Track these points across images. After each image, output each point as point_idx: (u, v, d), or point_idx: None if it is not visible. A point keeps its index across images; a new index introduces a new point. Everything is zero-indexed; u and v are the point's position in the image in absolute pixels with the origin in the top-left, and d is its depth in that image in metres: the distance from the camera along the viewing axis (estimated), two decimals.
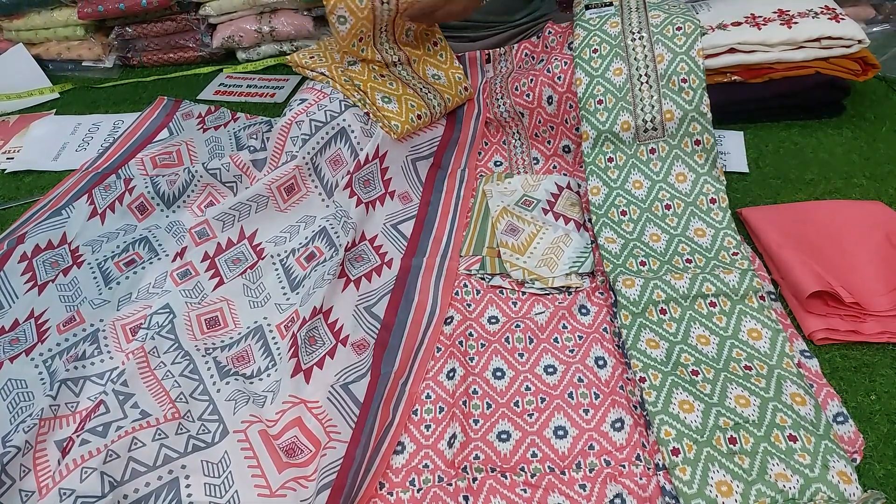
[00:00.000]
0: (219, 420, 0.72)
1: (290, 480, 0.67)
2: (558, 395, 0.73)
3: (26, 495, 0.66)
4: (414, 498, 0.65)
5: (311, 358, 0.77)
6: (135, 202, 1.01)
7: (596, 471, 0.66)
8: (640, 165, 0.91)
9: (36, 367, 0.80)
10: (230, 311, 0.86)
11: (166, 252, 0.95)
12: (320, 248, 0.90)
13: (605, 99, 0.92)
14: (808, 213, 0.89)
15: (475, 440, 0.70)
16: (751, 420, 0.66)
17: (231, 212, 0.96)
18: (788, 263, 0.80)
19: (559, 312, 0.82)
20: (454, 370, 0.76)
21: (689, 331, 0.76)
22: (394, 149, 0.99)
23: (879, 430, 0.68)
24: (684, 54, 0.91)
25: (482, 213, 0.96)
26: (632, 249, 0.84)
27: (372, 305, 0.84)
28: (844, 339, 0.76)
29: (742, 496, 0.61)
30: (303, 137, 0.97)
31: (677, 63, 0.91)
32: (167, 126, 1.23)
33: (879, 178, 0.98)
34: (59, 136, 1.27)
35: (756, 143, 1.07)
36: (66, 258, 0.95)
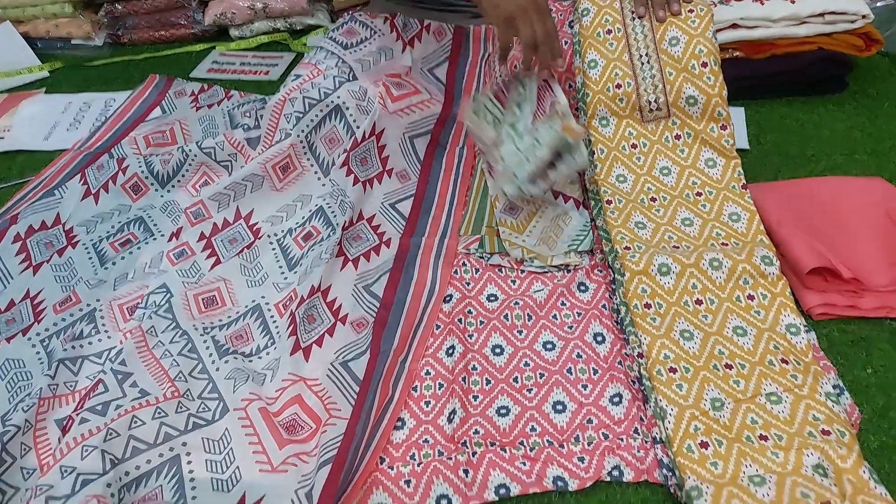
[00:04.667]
0: (218, 398, 0.72)
1: (291, 456, 0.67)
2: (557, 370, 0.74)
3: (28, 473, 0.67)
4: (414, 472, 0.66)
5: (310, 336, 0.77)
6: (128, 182, 1.00)
7: (594, 444, 0.67)
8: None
9: (33, 346, 0.80)
10: (228, 291, 0.85)
11: (162, 232, 0.94)
12: (317, 227, 0.90)
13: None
14: (809, 189, 0.89)
15: (475, 415, 0.70)
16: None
17: (226, 191, 0.95)
18: (788, 240, 0.80)
19: (558, 290, 0.82)
20: (453, 347, 0.76)
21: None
22: (391, 126, 0.98)
23: (875, 403, 0.68)
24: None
25: (481, 192, 0.95)
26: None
27: (371, 284, 0.84)
28: (842, 315, 0.76)
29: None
30: (296, 115, 0.96)
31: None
32: (160, 104, 1.22)
33: (881, 154, 0.98)
34: (50, 115, 1.25)
35: (757, 119, 1.07)
36: (60, 239, 0.94)
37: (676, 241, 0.82)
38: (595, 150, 0.91)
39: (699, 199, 0.87)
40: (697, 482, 0.61)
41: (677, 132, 0.90)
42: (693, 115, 0.90)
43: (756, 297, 0.76)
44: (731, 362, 0.70)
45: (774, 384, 0.68)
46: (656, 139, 0.91)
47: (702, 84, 0.89)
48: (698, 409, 0.66)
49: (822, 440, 0.63)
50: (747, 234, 0.82)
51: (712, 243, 0.81)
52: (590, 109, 0.92)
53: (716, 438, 0.64)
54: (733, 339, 0.72)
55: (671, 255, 0.79)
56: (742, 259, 0.77)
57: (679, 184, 0.88)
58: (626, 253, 0.80)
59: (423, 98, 1.02)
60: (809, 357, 0.70)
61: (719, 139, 0.89)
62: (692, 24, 0.90)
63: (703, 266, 0.77)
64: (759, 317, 0.74)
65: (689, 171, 0.89)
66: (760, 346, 0.71)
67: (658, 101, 0.90)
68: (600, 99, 0.92)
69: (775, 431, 0.64)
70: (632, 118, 0.92)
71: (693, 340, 0.72)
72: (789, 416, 0.65)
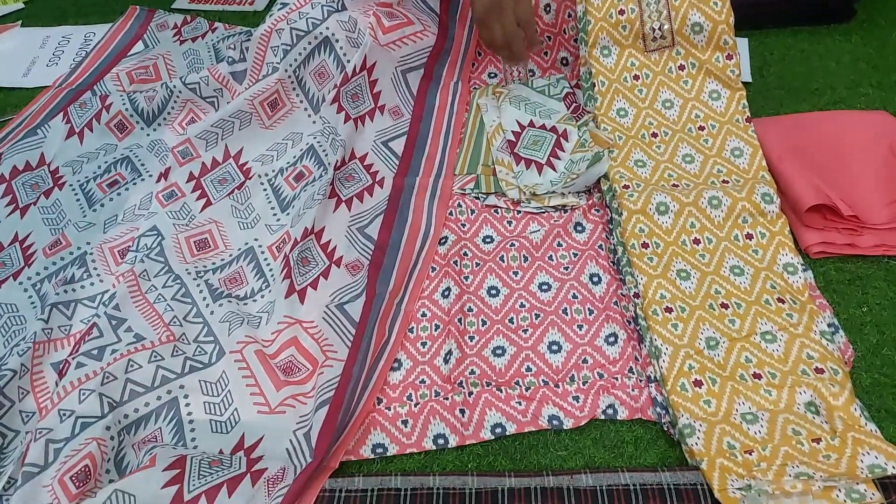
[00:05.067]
0: (214, 341, 0.72)
1: (288, 398, 0.68)
2: (552, 311, 0.74)
3: (27, 416, 0.67)
4: (411, 412, 0.67)
5: (305, 279, 0.76)
6: (113, 120, 0.97)
7: (589, 383, 0.67)
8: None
9: (25, 290, 0.80)
10: (220, 233, 0.84)
11: (150, 172, 0.92)
12: (309, 167, 0.88)
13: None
14: (811, 124, 0.87)
15: (470, 356, 0.70)
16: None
17: (214, 129, 0.92)
18: (789, 177, 0.79)
19: (554, 230, 0.81)
20: (449, 289, 0.76)
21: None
22: (382, 59, 0.94)
23: (869, 341, 0.69)
24: None
25: (476, 129, 0.93)
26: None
27: (365, 226, 0.83)
28: (840, 253, 0.76)
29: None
30: (284, 48, 0.92)
31: None
32: (141, 38, 1.17)
33: (887, 87, 0.95)
34: (28, 50, 1.21)
35: (761, 50, 1.03)
36: (46, 180, 0.92)
37: (676, 178, 0.81)
38: (595, 83, 0.88)
39: (701, 133, 0.84)
40: (690, 420, 0.61)
41: (681, 62, 0.87)
42: (698, 45, 0.86)
43: (755, 236, 0.75)
44: (728, 301, 0.70)
45: (770, 323, 0.68)
46: (659, 70, 0.88)
47: (708, 10, 0.85)
48: (693, 349, 0.67)
49: (815, 378, 0.63)
50: (749, 171, 0.80)
51: (713, 181, 0.80)
52: (591, 38, 0.88)
53: (709, 377, 0.65)
54: (730, 279, 0.72)
55: (670, 193, 0.77)
56: (742, 197, 0.76)
57: (681, 117, 0.86)
58: (624, 192, 0.78)
59: (416, 29, 0.97)
60: (805, 296, 0.70)
61: (724, 69, 0.86)
62: None
63: (702, 204, 0.76)
64: (757, 256, 0.74)
65: (693, 103, 0.86)
66: (757, 286, 0.71)
67: (662, 29, 0.87)
68: (602, 26, 0.88)
69: (769, 370, 0.65)
70: (634, 47, 0.88)
71: (690, 280, 0.72)
72: (783, 354, 0.66)
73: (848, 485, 0.56)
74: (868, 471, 0.56)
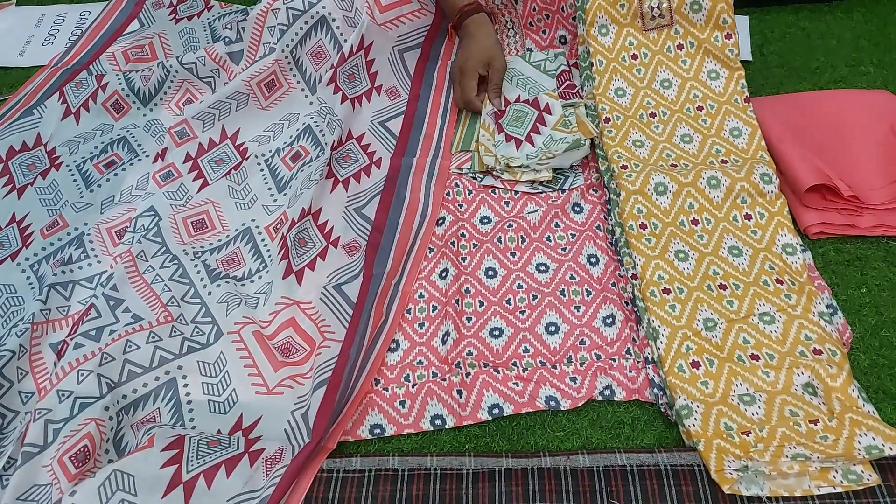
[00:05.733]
0: (212, 322, 0.72)
1: (286, 378, 0.68)
2: (550, 292, 0.74)
3: (26, 396, 0.67)
4: (409, 392, 0.67)
5: (302, 259, 0.76)
6: (109, 100, 0.97)
7: (587, 364, 0.68)
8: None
9: (23, 271, 0.80)
10: (217, 214, 0.84)
11: (146, 153, 0.92)
12: (306, 147, 0.87)
13: None
14: (812, 103, 0.86)
15: (468, 337, 0.70)
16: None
17: (210, 110, 0.92)
18: (788, 157, 0.78)
19: (552, 211, 0.80)
20: (447, 270, 0.76)
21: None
22: (379, 39, 0.93)
23: (867, 322, 0.69)
24: None
25: None
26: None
27: (362, 207, 0.82)
28: (839, 233, 0.75)
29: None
30: (280, 28, 0.91)
31: None
32: (137, 17, 1.16)
33: (888, 65, 0.94)
34: (23, 29, 1.19)
35: (761, 28, 1.02)
36: (43, 160, 0.92)
37: (675, 158, 0.80)
38: (593, 62, 0.87)
39: (700, 113, 0.84)
40: (688, 401, 0.61)
41: (680, 41, 0.86)
42: (697, 23, 0.85)
43: (753, 217, 0.74)
44: (726, 282, 0.70)
45: (768, 304, 0.68)
46: (658, 49, 0.87)
47: None
48: (691, 330, 0.67)
49: (813, 359, 0.63)
50: (748, 151, 0.80)
51: (711, 160, 0.79)
52: (589, 16, 0.87)
53: (707, 358, 0.65)
54: (728, 260, 0.72)
55: (668, 173, 0.77)
56: (741, 177, 0.75)
57: (680, 97, 0.85)
58: (622, 172, 0.78)
59: (413, 8, 0.96)
60: (804, 277, 0.70)
61: (723, 49, 0.85)
62: None
63: (701, 185, 0.76)
64: (756, 236, 0.73)
65: (691, 83, 0.85)
66: (756, 267, 0.71)
67: (661, 7, 0.85)
68: (600, 5, 0.87)
69: (767, 351, 0.64)
70: (633, 26, 0.87)
71: (688, 261, 0.72)
72: (781, 335, 0.65)
73: (845, 466, 0.57)
74: (865, 452, 0.56)
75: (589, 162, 0.85)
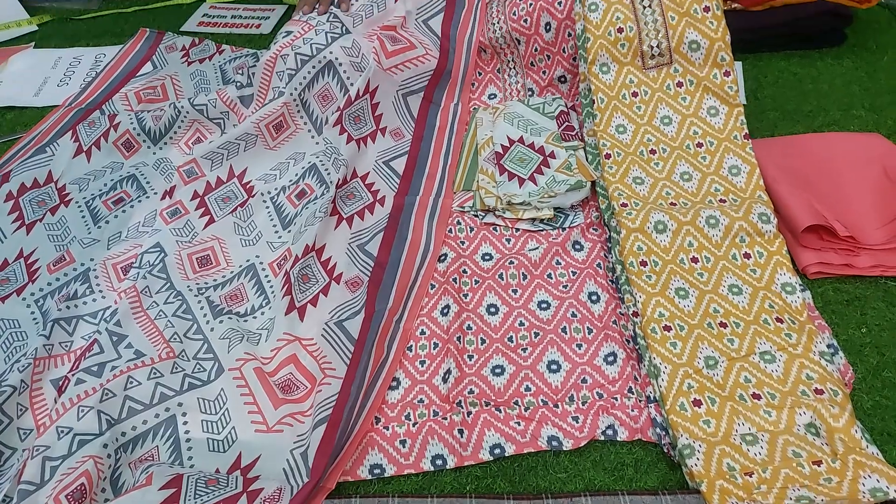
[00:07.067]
0: (213, 358, 0.72)
1: (286, 416, 0.67)
2: (552, 329, 0.74)
3: (24, 433, 0.67)
4: (409, 431, 0.67)
5: (305, 296, 0.77)
6: (120, 139, 0.99)
7: (588, 403, 0.67)
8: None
9: (28, 307, 0.80)
10: (222, 250, 0.85)
11: (155, 190, 0.93)
12: (311, 185, 0.89)
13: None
14: (806, 145, 0.88)
15: (469, 375, 0.70)
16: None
17: (219, 150, 0.94)
18: (784, 198, 0.79)
19: (553, 248, 0.81)
20: (448, 307, 0.76)
21: None
22: (385, 83, 0.96)
23: (869, 363, 0.69)
24: None
25: (474, 147, 0.94)
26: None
27: (365, 243, 0.83)
28: (838, 273, 0.76)
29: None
30: (289, 72, 0.94)
31: None
32: (150, 59, 1.19)
33: (879, 109, 0.96)
34: (40, 70, 1.23)
35: (755, 73, 1.05)
36: (52, 197, 0.93)
37: (674, 197, 0.81)
38: (595, 99, 0.89)
39: (699, 150, 0.85)
40: (690, 440, 0.61)
41: (679, 79, 0.88)
42: (695, 62, 0.88)
43: (752, 256, 0.75)
44: (726, 321, 0.70)
45: (768, 343, 0.68)
46: (658, 87, 0.89)
47: (704, 28, 0.86)
48: (692, 368, 0.67)
49: (815, 399, 0.63)
50: (746, 189, 0.81)
51: (710, 199, 0.80)
52: (590, 55, 0.90)
53: (709, 397, 0.64)
54: (728, 298, 0.72)
55: (668, 212, 0.78)
56: (739, 217, 0.76)
57: (680, 134, 0.87)
58: (622, 210, 0.79)
59: (418, 53, 0.99)
60: (804, 316, 0.70)
61: (722, 86, 0.87)
62: None
63: (700, 223, 0.77)
64: (755, 275, 0.74)
65: (691, 119, 0.87)
66: (755, 305, 0.71)
67: (660, 47, 0.88)
68: (601, 44, 0.89)
69: (768, 390, 0.64)
70: (633, 65, 0.89)
71: (688, 299, 0.72)
72: (783, 374, 0.65)
73: None
74: (870, 494, 0.56)
75: (589, 201, 0.87)
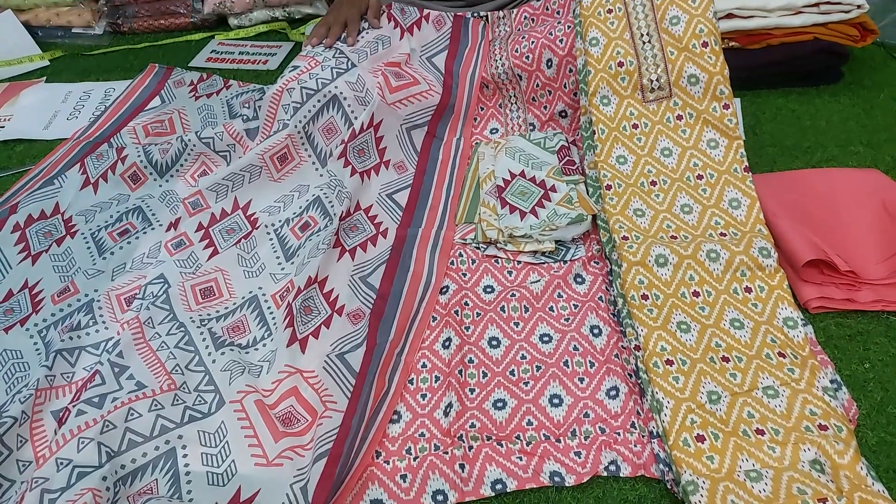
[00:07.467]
0: (215, 391, 0.72)
1: (286, 449, 0.67)
2: (554, 363, 0.74)
3: (24, 465, 0.67)
4: (410, 466, 0.66)
5: (307, 328, 0.77)
6: (127, 171, 1.00)
7: (591, 438, 0.67)
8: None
9: (31, 337, 0.80)
10: (225, 281, 0.85)
11: (160, 222, 0.94)
12: (314, 217, 0.90)
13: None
14: (805, 181, 0.89)
15: (471, 409, 0.70)
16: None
17: (224, 182, 0.95)
18: (784, 232, 0.80)
19: (554, 281, 0.82)
20: (450, 339, 0.76)
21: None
22: (389, 117, 0.98)
23: (873, 398, 0.68)
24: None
25: (476, 181, 0.95)
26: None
27: (367, 275, 0.84)
28: (839, 308, 0.76)
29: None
30: (294, 105, 0.95)
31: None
32: (159, 94, 1.22)
33: (876, 145, 0.98)
34: (50, 104, 1.25)
35: (753, 110, 1.06)
36: (59, 228, 0.94)
37: (675, 230, 0.82)
38: (596, 130, 0.90)
39: (700, 182, 0.86)
40: (693, 476, 0.60)
41: (679, 112, 0.90)
42: (695, 95, 0.89)
43: (753, 290, 0.75)
44: (728, 355, 0.70)
45: (771, 378, 0.68)
46: (658, 119, 0.90)
47: (703, 63, 0.88)
48: (695, 402, 0.66)
49: (819, 435, 0.62)
50: (746, 223, 0.81)
51: (710, 233, 0.81)
52: (591, 88, 0.91)
53: (712, 432, 0.64)
54: (730, 332, 0.72)
55: (668, 245, 0.78)
56: (740, 251, 0.77)
57: (680, 166, 0.87)
58: (623, 243, 0.79)
59: (421, 89, 1.01)
60: (806, 351, 0.70)
61: (721, 119, 0.88)
62: (692, 3, 0.90)
63: (701, 257, 0.77)
64: (757, 309, 0.74)
65: (691, 151, 0.88)
66: (757, 339, 0.71)
67: (660, 81, 0.89)
68: (603, 77, 0.91)
69: (772, 426, 0.64)
70: (633, 98, 0.91)
71: (690, 332, 0.72)
72: (786, 410, 0.65)
73: None
74: None
75: (590, 234, 0.87)
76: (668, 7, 0.90)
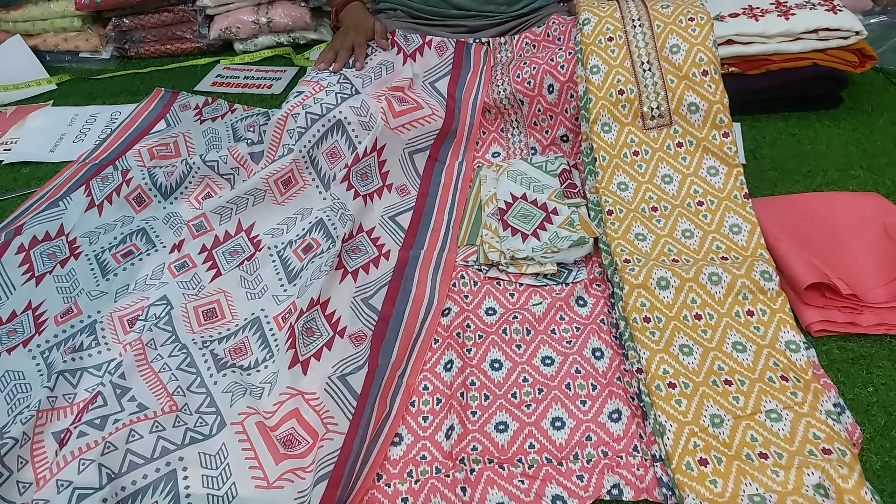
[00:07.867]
0: (216, 412, 0.72)
1: (287, 472, 0.67)
2: (556, 386, 0.73)
3: (24, 487, 0.66)
4: (412, 489, 0.66)
5: (309, 349, 0.77)
6: (132, 193, 1.01)
7: (593, 461, 0.66)
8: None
9: (33, 358, 0.80)
10: (227, 303, 0.86)
11: (164, 244, 0.95)
12: (317, 239, 0.90)
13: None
14: (806, 204, 0.89)
15: (473, 431, 0.70)
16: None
17: (228, 205, 0.96)
18: (785, 256, 0.80)
19: (556, 304, 0.82)
20: (452, 362, 0.76)
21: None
22: (392, 142, 0.99)
23: (877, 422, 0.68)
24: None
25: (478, 203, 0.96)
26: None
27: (369, 297, 0.84)
28: (842, 331, 0.76)
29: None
30: (299, 130, 0.97)
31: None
32: (164, 117, 1.23)
33: (876, 169, 0.98)
34: (57, 127, 1.27)
35: (753, 134, 1.07)
36: (63, 249, 0.95)
37: (676, 254, 0.82)
38: (597, 157, 0.91)
39: (700, 208, 0.86)
40: (697, 501, 0.60)
41: (679, 140, 0.90)
42: (695, 123, 0.90)
43: (755, 313, 0.75)
44: (731, 378, 0.70)
45: (774, 401, 0.67)
46: (658, 147, 0.91)
47: (703, 91, 0.89)
48: (697, 426, 0.66)
49: (822, 459, 0.62)
50: (747, 248, 0.82)
51: (712, 257, 0.81)
52: (592, 115, 0.92)
53: (715, 456, 0.63)
54: (733, 355, 0.72)
55: (670, 268, 0.78)
56: (741, 274, 0.77)
57: (680, 192, 0.88)
58: (625, 266, 0.80)
59: (424, 114, 1.02)
60: (809, 374, 0.70)
61: (721, 146, 0.89)
62: (692, 32, 0.91)
63: (703, 280, 0.77)
64: (759, 333, 0.74)
65: (691, 178, 0.89)
66: (760, 363, 0.71)
67: (660, 108, 0.91)
68: (604, 105, 0.92)
69: (775, 449, 0.63)
70: (633, 125, 0.92)
71: (692, 356, 0.72)
72: (789, 433, 0.65)
73: None
74: None
75: (592, 257, 0.88)
76: (668, 35, 0.92)
